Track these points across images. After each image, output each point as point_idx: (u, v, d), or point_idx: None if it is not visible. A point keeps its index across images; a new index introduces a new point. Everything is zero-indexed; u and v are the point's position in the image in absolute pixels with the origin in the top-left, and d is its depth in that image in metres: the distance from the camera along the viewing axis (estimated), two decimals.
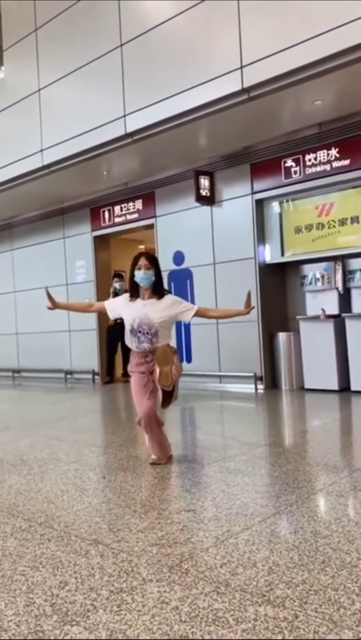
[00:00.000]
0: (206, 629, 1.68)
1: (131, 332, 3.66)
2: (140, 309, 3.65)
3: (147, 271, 3.65)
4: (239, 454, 3.88)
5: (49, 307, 3.90)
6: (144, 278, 3.65)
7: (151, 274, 3.66)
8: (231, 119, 6.19)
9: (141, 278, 3.65)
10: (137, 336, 3.64)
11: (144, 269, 3.64)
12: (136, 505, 2.89)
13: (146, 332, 3.60)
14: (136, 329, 3.62)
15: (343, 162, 6.45)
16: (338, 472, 3.33)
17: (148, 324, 3.60)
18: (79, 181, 8.46)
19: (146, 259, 3.67)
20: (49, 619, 1.79)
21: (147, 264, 3.65)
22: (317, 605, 1.79)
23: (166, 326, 3.69)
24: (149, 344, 3.62)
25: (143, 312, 3.63)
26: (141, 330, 3.61)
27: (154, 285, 3.69)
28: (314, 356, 6.79)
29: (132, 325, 3.64)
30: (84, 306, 4.38)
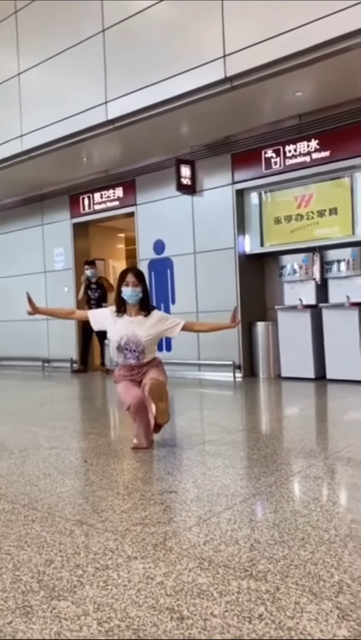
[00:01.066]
0: (191, 602, 1.73)
1: (118, 348, 3.69)
2: (128, 326, 3.67)
3: (135, 288, 3.66)
4: (219, 439, 3.94)
5: (29, 312, 3.88)
6: (132, 295, 3.66)
7: (138, 290, 3.67)
8: (213, 108, 6.21)
9: (128, 295, 3.67)
10: (124, 353, 3.67)
11: (132, 286, 3.66)
12: (118, 487, 2.93)
13: (133, 349, 3.64)
14: (122, 346, 3.66)
15: (323, 154, 6.53)
16: (315, 456, 3.42)
17: (135, 342, 3.64)
18: (59, 167, 8.39)
19: (133, 275, 3.68)
20: (36, 594, 1.82)
21: (135, 281, 3.66)
22: (297, 578, 1.86)
23: (153, 343, 3.76)
24: (136, 360, 3.67)
25: (131, 329, 3.66)
26: (128, 347, 3.65)
27: (141, 302, 3.71)
28: (291, 345, 6.90)
29: (119, 342, 3.67)
30: (66, 312, 4.37)
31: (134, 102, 6.35)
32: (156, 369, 3.76)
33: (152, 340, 3.72)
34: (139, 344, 3.65)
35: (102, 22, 6.67)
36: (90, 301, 8.63)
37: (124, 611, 1.69)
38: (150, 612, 1.68)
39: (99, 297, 8.62)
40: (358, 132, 6.22)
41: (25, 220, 10.03)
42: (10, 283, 10.29)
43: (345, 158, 6.38)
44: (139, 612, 1.69)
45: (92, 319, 3.86)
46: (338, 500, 2.68)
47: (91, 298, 8.65)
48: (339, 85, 5.70)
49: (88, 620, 1.65)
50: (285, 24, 5.11)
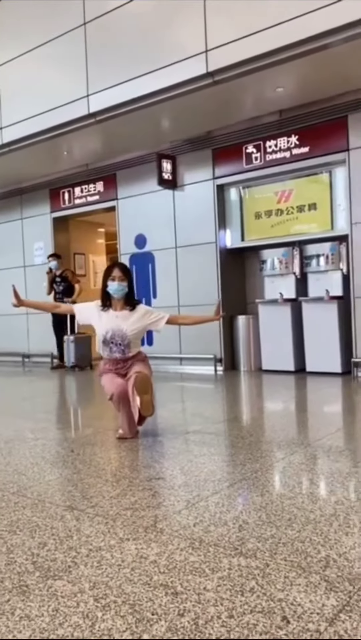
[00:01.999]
0: (184, 578, 1.79)
1: (103, 342, 3.72)
2: (113, 321, 3.71)
3: (122, 282, 3.70)
4: (203, 428, 4.00)
5: (15, 304, 3.90)
6: (118, 289, 3.70)
7: (125, 285, 3.71)
8: (194, 103, 6.24)
9: (115, 289, 3.71)
10: (110, 346, 3.71)
11: (118, 280, 3.69)
12: (106, 475, 2.97)
13: (119, 343, 3.69)
14: (108, 340, 3.70)
15: (303, 150, 6.63)
16: (297, 443, 3.50)
17: (121, 336, 3.68)
18: (39, 161, 8.34)
19: (120, 270, 3.73)
20: (31, 575, 1.86)
21: (121, 275, 3.70)
22: (286, 555, 1.93)
23: (138, 336, 3.80)
24: (121, 354, 3.72)
25: (116, 324, 3.70)
26: (113, 341, 3.69)
27: (126, 296, 3.74)
28: (272, 339, 7.00)
29: (104, 336, 3.71)
30: (51, 306, 4.36)
31: (116, 96, 6.35)
32: (142, 363, 3.80)
33: (137, 334, 3.77)
34: (125, 338, 3.69)
35: (83, 16, 6.65)
36: (56, 295, 8.58)
37: (120, 588, 1.74)
38: (145, 589, 1.73)
39: (64, 290, 8.53)
40: (337, 128, 6.33)
41: (4, 214, 9.94)
42: None
43: (324, 154, 6.48)
44: (134, 588, 1.73)
45: (78, 313, 3.89)
46: (321, 484, 2.76)
47: (56, 292, 8.59)
48: (319, 81, 5.79)
49: (85, 597, 1.70)
50: (267, 20, 5.17)
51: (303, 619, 1.53)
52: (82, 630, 1.52)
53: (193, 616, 1.56)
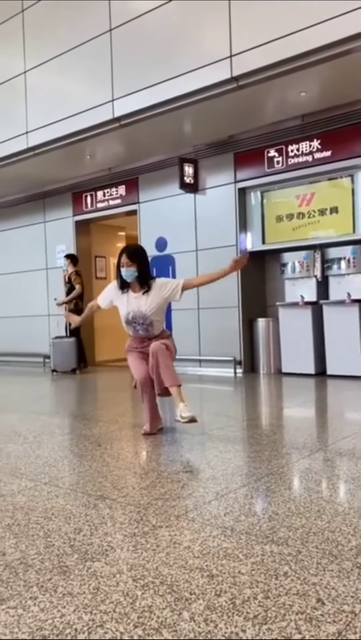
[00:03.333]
0: (218, 562, 1.84)
1: (127, 322, 3.83)
2: (133, 302, 3.80)
3: (129, 268, 3.77)
4: (227, 426, 4.05)
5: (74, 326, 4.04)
6: (127, 275, 3.79)
7: (133, 270, 3.76)
8: (217, 108, 6.32)
9: (125, 275, 3.80)
10: (133, 326, 3.82)
11: (126, 267, 3.77)
12: (135, 467, 3.03)
13: (141, 322, 3.78)
14: (131, 321, 3.80)
15: (325, 154, 6.67)
16: (322, 441, 3.53)
17: (142, 317, 3.77)
18: (63, 165, 8.48)
19: (126, 256, 3.77)
20: (70, 557, 1.92)
21: (128, 262, 3.76)
22: (317, 543, 1.97)
23: (160, 313, 3.85)
24: (145, 332, 3.82)
25: (136, 305, 3.79)
26: (135, 321, 3.79)
27: (139, 280, 3.81)
28: (292, 341, 7.02)
29: (126, 317, 3.81)
30: (93, 309, 4.21)
31: (141, 100, 6.45)
32: (166, 340, 3.86)
33: (157, 312, 3.80)
34: (146, 318, 3.78)
35: (109, 22, 6.77)
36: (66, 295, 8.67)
37: (157, 570, 1.80)
38: (181, 571, 1.78)
39: (68, 291, 8.60)
40: (359, 133, 6.36)
41: (27, 217, 10.11)
42: (12, 280, 10.37)
43: (346, 158, 6.51)
44: (170, 570, 1.79)
45: (101, 302, 3.98)
46: (348, 479, 2.79)
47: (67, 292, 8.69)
48: (343, 86, 5.84)
49: (123, 577, 1.75)
50: (292, 25, 5.23)
51: (338, 601, 1.57)
52: (123, 607, 1.57)
53: (229, 596, 1.61)
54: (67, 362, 8.25)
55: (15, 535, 2.12)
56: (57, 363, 8.29)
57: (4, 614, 1.56)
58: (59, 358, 8.28)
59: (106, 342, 9.73)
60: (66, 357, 8.24)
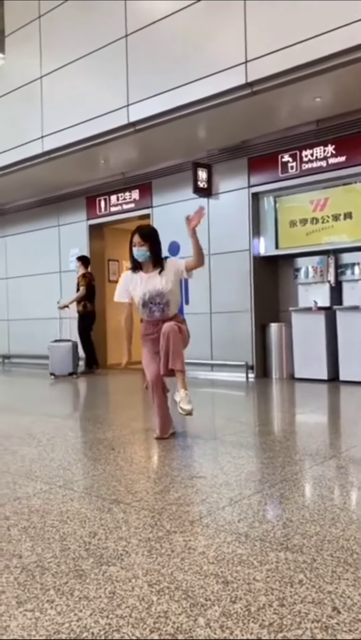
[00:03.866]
0: (233, 569, 1.84)
1: (143, 304, 3.82)
2: (147, 282, 3.81)
3: (141, 248, 3.79)
4: (239, 432, 4.05)
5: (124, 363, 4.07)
6: (139, 255, 3.80)
7: (144, 250, 3.78)
8: (231, 113, 6.34)
9: (136, 255, 3.81)
10: (149, 307, 3.81)
11: (137, 246, 3.79)
12: (148, 472, 3.04)
13: (158, 302, 3.78)
14: (147, 301, 3.80)
15: (339, 159, 6.65)
16: (335, 448, 3.52)
17: (159, 295, 3.77)
18: (77, 169, 8.54)
19: (139, 235, 3.79)
20: (85, 560, 1.94)
21: (140, 241, 3.78)
22: (332, 551, 1.97)
23: (175, 291, 3.84)
24: (161, 313, 3.81)
25: (152, 284, 3.79)
26: (152, 301, 3.79)
27: (152, 260, 3.82)
28: (305, 347, 7.00)
29: (143, 298, 3.80)
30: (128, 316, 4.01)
31: (156, 106, 6.49)
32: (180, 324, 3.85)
33: (174, 289, 3.81)
34: (163, 296, 3.77)
35: (125, 27, 6.83)
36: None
37: (172, 575, 1.81)
38: (196, 577, 1.79)
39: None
40: None
41: (42, 221, 10.19)
42: (26, 282, 10.45)
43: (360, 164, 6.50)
44: (185, 576, 1.80)
45: (122, 297, 3.93)
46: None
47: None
48: (357, 91, 5.83)
49: (139, 582, 1.77)
50: (307, 31, 5.24)
51: (354, 610, 1.57)
52: (139, 611, 1.59)
53: (245, 603, 1.62)
54: (64, 365, 8.17)
55: (31, 538, 2.15)
56: (55, 367, 8.23)
57: (21, 616, 1.58)
58: (56, 362, 8.22)
59: (118, 345, 9.75)
60: (64, 360, 8.17)
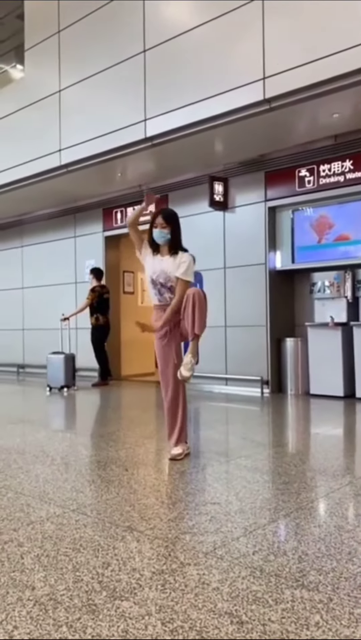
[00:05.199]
0: (248, 607, 1.81)
1: (152, 284, 3.84)
2: (158, 264, 3.83)
3: (163, 230, 3.78)
4: (255, 453, 4.01)
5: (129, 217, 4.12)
6: (159, 236, 3.79)
7: (166, 232, 3.77)
8: (249, 128, 6.35)
9: (156, 236, 3.80)
10: (158, 288, 3.83)
11: (160, 227, 3.78)
12: (162, 496, 3.02)
13: (163, 284, 3.79)
14: (155, 280, 3.81)
15: (357, 174, 6.62)
16: (352, 473, 3.47)
17: (165, 277, 3.78)
18: (94, 181, 8.60)
19: (162, 217, 3.79)
20: (98, 594, 1.92)
21: (163, 223, 3.77)
22: (349, 590, 1.92)
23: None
24: (170, 294, 3.80)
25: (161, 266, 3.80)
26: (159, 282, 3.80)
27: (170, 243, 3.81)
28: (321, 362, 6.94)
29: (152, 277, 3.83)
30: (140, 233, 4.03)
31: (173, 121, 6.51)
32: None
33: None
34: (168, 279, 3.77)
35: (143, 43, 6.88)
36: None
37: (185, 613, 1.78)
38: (210, 615, 1.76)
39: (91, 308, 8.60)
40: None
41: (58, 231, 10.27)
42: (42, 293, 10.52)
43: None
44: (199, 614, 1.77)
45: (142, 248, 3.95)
46: None
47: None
48: None
49: (152, 620, 1.74)
50: (325, 48, 5.24)
51: None
52: None
53: None
54: (57, 378, 8.03)
55: (44, 567, 2.13)
56: (51, 379, 8.10)
57: None
58: (52, 374, 8.10)
59: (132, 356, 9.77)
60: (57, 373, 8.03)
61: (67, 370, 8.05)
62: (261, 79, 5.73)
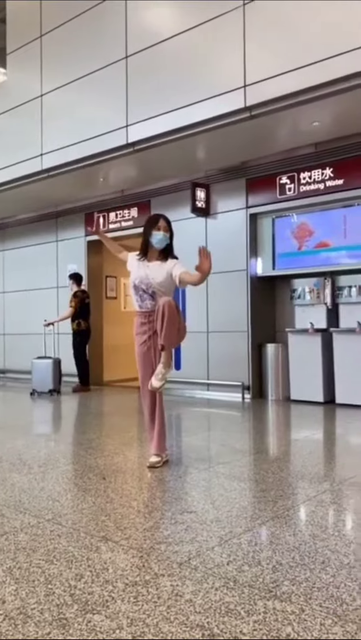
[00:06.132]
0: (220, 620, 1.81)
1: (134, 288, 3.82)
2: (143, 269, 3.79)
3: (166, 233, 3.80)
4: (233, 460, 4.01)
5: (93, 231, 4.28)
6: (163, 239, 3.78)
7: (168, 236, 3.80)
8: (230, 135, 6.37)
9: (159, 239, 3.77)
10: (140, 294, 3.80)
11: (163, 230, 3.78)
12: (139, 505, 3.00)
13: (144, 290, 3.76)
14: (137, 286, 3.79)
15: (337, 182, 6.68)
16: (330, 481, 3.49)
17: (146, 284, 3.75)
18: (76, 186, 8.57)
19: (165, 220, 3.82)
20: (70, 607, 1.90)
21: (166, 226, 3.81)
22: (321, 600, 1.93)
23: (165, 287, 3.76)
24: (152, 301, 3.77)
25: (145, 272, 3.78)
26: (141, 288, 3.77)
27: (167, 248, 3.81)
28: (301, 368, 6.98)
29: (134, 282, 3.81)
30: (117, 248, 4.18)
31: (155, 127, 6.52)
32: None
33: (163, 282, 3.73)
34: (150, 286, 3.73)
35: (125, 48, 6.88)
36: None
37: (157, 626, 1.77)
38: (182, 629, 1.75)
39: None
40: None
41: (40, 236, 10.20)
42: (24, 297, 10.44)
43: (358, 187, 6.52)
44: (171, 627, 1.76)
45: (128, 263, 3.94)
46: (354, 526, 2.75)
47: None
48: (356, 116, 5.86)
49: (123, 634, 1.73)
50: (305, 56, 5.28)
51: None
52: None
53: None
54: (44, 383, 8.14)
55: (16, 580, 2.11)
56: (36, 383, 8.21)
57: None
58: (38, 378, 8.20)
59: (114, 362, 9.73)
60: (44, 377, 8.15)
61: (55, 374, 8.21)
62: (242, 87, 5.76)
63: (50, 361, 8.20)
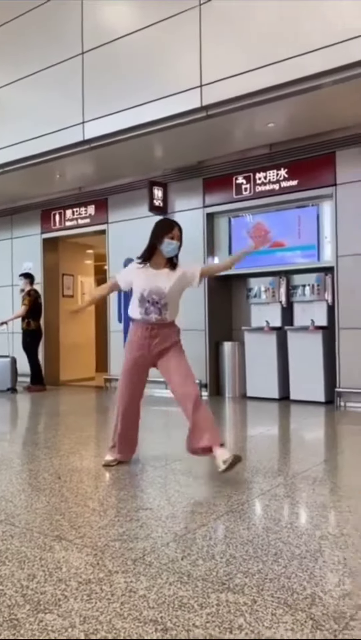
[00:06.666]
0: (173, 614, 1.82)
1: (140, 300, 3.59)
2: (152, 279, 3.58)
3: (178, 242, 3.63)
4: (189, 457, 4.01)
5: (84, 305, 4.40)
6: (173, 248, 3.59)
7: (179, 245, 3.63)
8: (187, 134, 6.40)
9: (172, 249, 3.58)
10: (146, 306, 3.58)
11: (176, 239, 3.60)
12: (94, 503, 2.98)
13: (156, 302, 3.56)
14: (145, 298, 3.57)
15: (291, 183, 6.81)
16: (282, 475, 3.55)
17: (159, 294, 3.55)
18: (32, 183, 8.42)
19: (179, 230, 3.63)
20: (21, 608, 1.87)
21: (180, 236, 3.63)
22: (273, 591, 1.97)
23: (177, 296, 3.66)
24: (158, 315, 3.58)
25: (155, 282, 3.57)
26: (150, 300, 3.56)
27: (176, 255, 3.67)
28: (257, 366, 7.08)
29: (142, 294, 3.58)
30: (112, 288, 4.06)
31: (112, 124, 6.48)
32: (178, 356, 3.73)
33: (176, 293, 3.63)
34: (163, 296, 3.55)
35: (82, 45, 6.81)
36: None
37: (110, 623, 1.76)
38: (135, 624, 1.76)
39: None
40: (325, 164, 6.52)
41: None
42: None
43: (312, 188, 6.66)
44: (124, 623, 1.76)
45: (122, 283, 3.77)
46: (306, 518, 2.81)
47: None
48: (309, 119, 5.99)
49: (75, 632, 1.72)
50: (261, 58, 5.36)
51: None
52: None
53: None
54: (2, 381, 8.27)
55: None
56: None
57: None
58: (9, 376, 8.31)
59: (71, 361, 9.63)
60: (2, 376, 8.27)
61: (13, 373, 8.29)
62: (199, 87, 5.80)
63: (9, 360, 8.28)
